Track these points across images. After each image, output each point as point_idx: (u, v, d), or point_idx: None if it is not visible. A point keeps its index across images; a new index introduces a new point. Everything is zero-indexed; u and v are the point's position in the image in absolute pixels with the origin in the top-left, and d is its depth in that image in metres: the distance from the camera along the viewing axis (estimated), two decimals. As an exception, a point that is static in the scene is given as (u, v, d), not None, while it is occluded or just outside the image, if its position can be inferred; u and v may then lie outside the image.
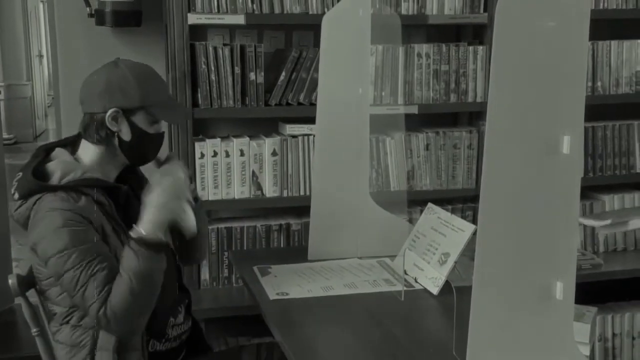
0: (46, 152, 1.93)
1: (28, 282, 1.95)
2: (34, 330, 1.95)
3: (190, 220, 1.82)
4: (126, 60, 1.94)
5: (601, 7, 2.85)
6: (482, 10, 2.80)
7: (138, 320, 1.80)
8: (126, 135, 1.86)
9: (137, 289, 1.72)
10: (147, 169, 2.03)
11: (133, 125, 1.86)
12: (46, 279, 1.83)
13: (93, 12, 2.69)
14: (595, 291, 2.35)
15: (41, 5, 10.86)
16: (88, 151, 1.90)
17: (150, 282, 1.77)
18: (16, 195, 1.82)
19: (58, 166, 1.83)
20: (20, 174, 1.84)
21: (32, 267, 1.89)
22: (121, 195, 1.91)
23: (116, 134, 1.86)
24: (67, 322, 1.83)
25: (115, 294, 1.72)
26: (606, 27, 2.85)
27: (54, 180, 1.80)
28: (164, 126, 1.96)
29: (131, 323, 1.78)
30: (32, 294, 1.96)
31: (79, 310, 1.80)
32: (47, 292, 1.85)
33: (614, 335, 3.04)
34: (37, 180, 1.79)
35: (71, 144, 1.96)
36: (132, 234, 1.76)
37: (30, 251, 1.82)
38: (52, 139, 9.38)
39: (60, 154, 1.91)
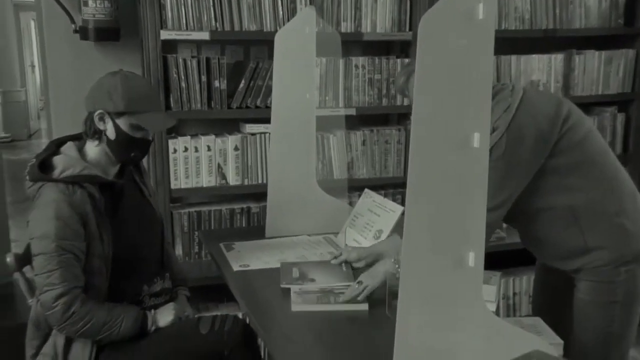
0: (58, 145, 1.86)
1: (24, 259, 1.90)
2: (29, 300, 1.90)
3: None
4: (126, 72, 1.86)
5: (503, 27, 2.90)
6: (407, 29, 2.82)
7: (77, 333, 1.74)
8: (111, 134, 1.81)
9: (106, 327, 1.74)
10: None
11: (117, 127, 1.80)
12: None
13: (78, 29, 2.61)
14: (499, 259, 2.40)
15: (32, 23, 10.53)
16: (91, 148, 1.85)
17: (113, 332, 1.76)
18: (27, 178, 1.78)
19: (61, 161, 1.78)
20: (34, 160, 1.80)
21: (28, 245, 1.83)
22: (116, 189, 1.86)
23: (103, 132, 1.81)
24: None
25: (95, 311, 1.72)
26: (507, 44, 2.90)
27: (55, 173, 1.75)
28: (151, 134, 1.87)
29: (74, 331, 1.73)
30: (28, 270, 1.90)
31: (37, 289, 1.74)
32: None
33: (514, 294, 3.12)
34: (41, 171, 1.76)
35: (81, 139, 1.88)
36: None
37: (26, 225, 1.77)
38: (44, 137, 9.18)
39: (68, 148, 1.84)
